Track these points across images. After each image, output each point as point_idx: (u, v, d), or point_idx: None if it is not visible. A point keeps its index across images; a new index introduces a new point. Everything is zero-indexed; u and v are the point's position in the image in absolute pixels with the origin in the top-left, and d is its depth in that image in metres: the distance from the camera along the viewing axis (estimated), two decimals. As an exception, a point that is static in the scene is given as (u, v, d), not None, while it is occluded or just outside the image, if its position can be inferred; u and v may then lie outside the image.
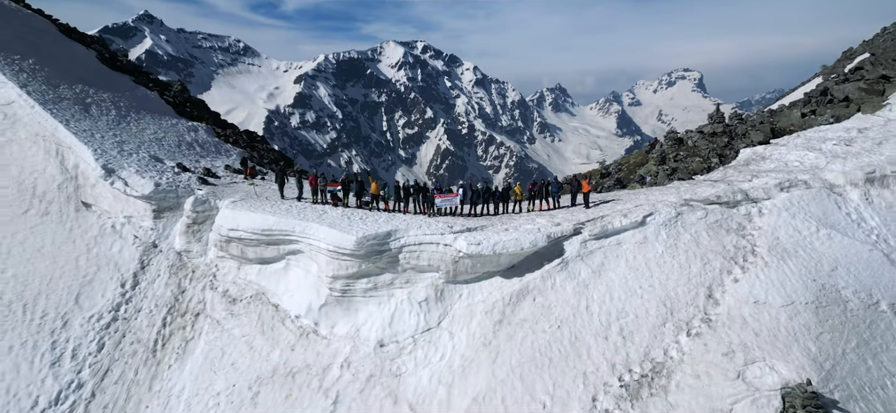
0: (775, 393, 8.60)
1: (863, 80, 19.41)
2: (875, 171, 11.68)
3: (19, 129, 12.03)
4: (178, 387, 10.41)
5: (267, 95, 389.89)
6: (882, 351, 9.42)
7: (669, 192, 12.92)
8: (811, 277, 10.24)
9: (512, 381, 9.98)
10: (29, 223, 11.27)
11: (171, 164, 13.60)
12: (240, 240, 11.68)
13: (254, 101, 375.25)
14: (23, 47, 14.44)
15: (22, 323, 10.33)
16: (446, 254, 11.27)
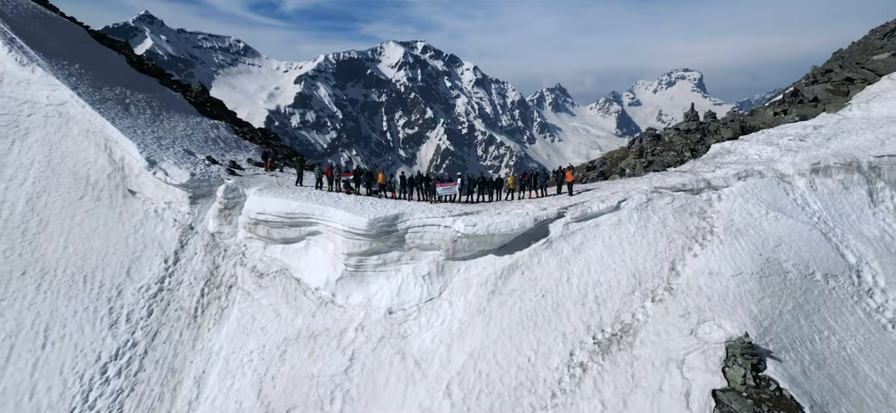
0: (720, 345, 10.36)
1: (830, 82, 21.20)
2: (820, 163, 13.45)
3: (72, 126, 13.79)
4: (217, 346, 12.20)
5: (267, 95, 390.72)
6: (814, 312, 11.17)
7: (643, 181, 14.70)
8: (758, 252, 12.00)
9: (502, 340, 11.76)
10: (85, 208, 13.02)
11: (201, 157, 15.38)
12: (266, 222, 13.45)
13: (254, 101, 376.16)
14: (69, 54, 16.22)
15: (83, 292, 12.11)
16: (446, 234, 13.04)
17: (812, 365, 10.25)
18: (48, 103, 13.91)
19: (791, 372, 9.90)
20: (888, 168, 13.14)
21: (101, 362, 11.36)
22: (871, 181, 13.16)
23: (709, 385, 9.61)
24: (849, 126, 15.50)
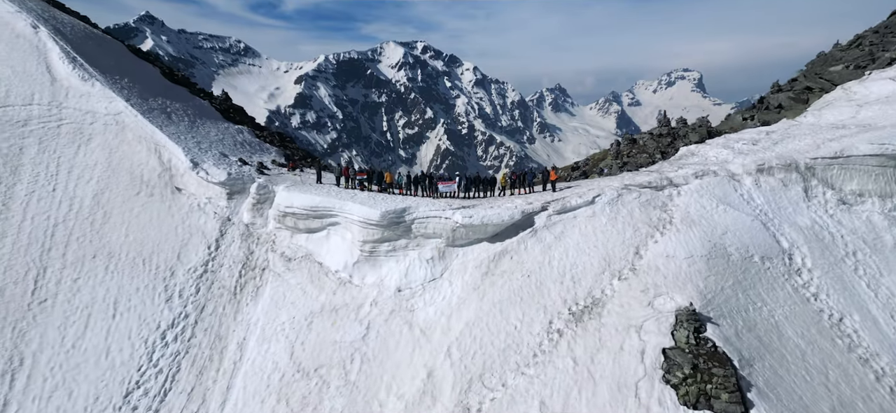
0: (671, 313, 12.72)
1: (792, 90, 23.62)
2: (764, 164, 15.85)
3: (127, 133, 16.13)
4: (254, 318, 14.61)
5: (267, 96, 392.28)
6: (750, 288, 13.55)
7: (616, 179, 17.11)
8: (707, 239, 14.38)
9: (493, 312, 14.16)
10: (140, 202, 15.40)
11: (234, 158, 17.76)
12: (293, 214, 15.86)
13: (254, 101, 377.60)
14: (117, 69, 18.57)
15: (143, 272, 14.51)
16: (447, 224, 15.44)
17: (744, 329, 12.63)
18: (106, 113, 16.29)
19: (726, 333, 12.26)
20: (821, 168, 15.54)
21: (160, 329, 13.78)
22: (807, 179, 15.57)
23: (660, 345, 11.96)
24: (796, 131, 17.91)
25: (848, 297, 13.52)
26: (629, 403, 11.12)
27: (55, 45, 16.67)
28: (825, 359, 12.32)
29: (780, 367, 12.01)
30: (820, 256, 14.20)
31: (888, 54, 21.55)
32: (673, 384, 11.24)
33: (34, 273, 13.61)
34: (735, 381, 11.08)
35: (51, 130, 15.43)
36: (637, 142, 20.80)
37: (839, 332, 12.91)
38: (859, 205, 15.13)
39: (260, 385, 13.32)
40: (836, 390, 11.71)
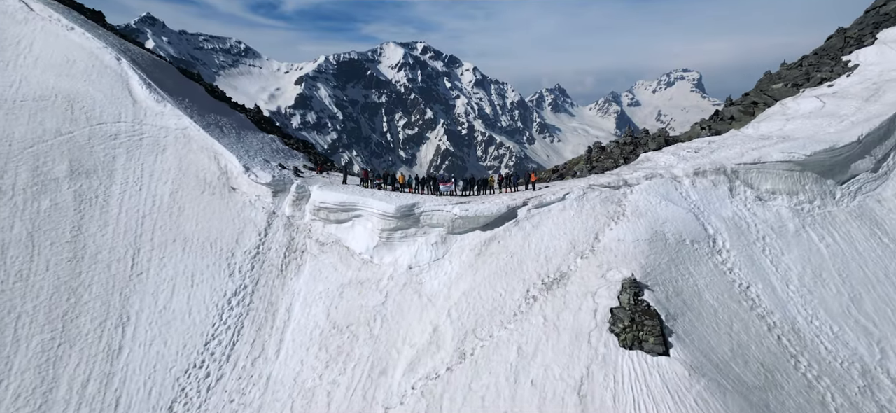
0: (618, 282, 16.91)
1: (742, 104, 27.89)
2: (700, 168, 20.09)
3: (193, 144, 20.31)
4: (297, 288, 18.83)
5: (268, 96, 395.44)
6: (681, 263, 17.73)
7: (584, 180, 21.35)
8: (651, 227, 18.58)
9: (484, 284, 18.36)
10: (205, 200, 19.61)
11: (275, 163, 21.98)
12: (325, 209, 20.08)
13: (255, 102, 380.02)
14: (178, 90, 22.77)
15: (211, 253, 18.74)
16: (448, 216, 19.67)
17: (672, 293, 16.84)
18: (176, 128, 20.47)
19: (658, 297, 16.48)
20: (743, 172, 19.78)
21: (227, 297, 18.03)
22: (732, 181, 19.81)
23: (608, 305, 16.17)
24: (731, 141, 22.15)
25: (755, 270, 17.76)
26: (583, 347, 15.33)
27: (134, 73, 20.84)
28: (731, 315, 16.55)
29: (696, 320, 16.23)
30: (736, 240, 18.42)
31: (820, 74, 25.77)
32: (615, 333, 15.41)
33: (132, 253, 17.85)
34: (660, 330, 15.24)
35: (135, 142, 19.62)
36: (605, 149, 25.03)
37: (745, 296, 17.15)
38: (772, 200, 19.38)
39: (304, 338, 17.57)
40: (737, 337, 15.95)
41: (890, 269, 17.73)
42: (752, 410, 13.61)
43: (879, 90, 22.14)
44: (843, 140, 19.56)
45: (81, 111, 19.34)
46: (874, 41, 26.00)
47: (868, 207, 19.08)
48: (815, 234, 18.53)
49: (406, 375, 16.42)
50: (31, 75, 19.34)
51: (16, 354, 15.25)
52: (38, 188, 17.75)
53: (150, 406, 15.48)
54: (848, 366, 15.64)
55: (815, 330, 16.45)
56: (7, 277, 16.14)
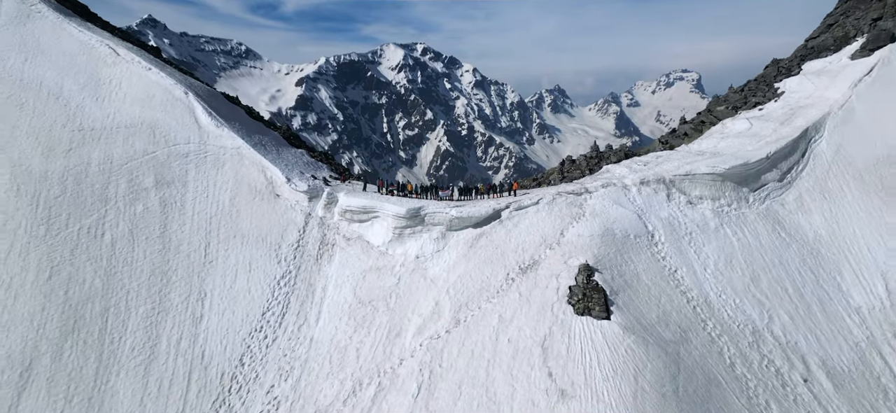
0: (575, 267, 22.54)
1: (693, 123, 33.53)
2: (644, 178, 25.74)
3: (245, 160, 25.93)
4: (330, 273, 24.49)
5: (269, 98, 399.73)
6: (625, 253, 23.31)
7: (555, 188, 27.01)
8: (604, 225, 24.18)
9: (474, 269, 23.99)
10: (256, 204, 25.25)
11: (307, 175, 27.62)
12: (351, 211, 25.73)
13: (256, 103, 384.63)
14: (228, 115, 28.40)
15: (263, 246, 24.40)
16: (447, 216, 25.29)
17: (617, 275, 22.46)
18: (232, 147, 26.12)
19: (605, 277, 22.11)
20: (678, 181, 25.44)
21: (276, 279, 23.70)
22: (669, 188, 25.48)
23: (568, 284, 21.78)
24: (675, 156, 27.82)
25: (681, 258, 23.41)
26: (547, 314, 20.95)
27: (198, 103, 26.44)
28: (660, 291, 22.20)
29: (633, 295, 21.88)
30: (669, 235, 24.05)
31: (755, 99, 31.41)
32: (571, 304, 21.00)
33: (204, 245, 23.52)
34: (604, 301, 20.85)
35: (201, 159, 25.26)
36: (575, 161, 30.68)
37: (672, 277, 22.77)
38: (699, 204, 25.05)
39: (337, 310, 23.25)
40: (662, 307, 21.60)
41: (784, 257, 23.39)
42: (666, 357, 19.31)
43: (793, 115, 27.82)
44: (756, 157, 25.26)
45: (161, 135, 25.00)
46: (799, 72, 31.58)
47: (773, 210, 24.76)
48: (729, 231, 24.20)
49: (415, 337, 22.06)
50: (122, 108, 24.98)
51: (129, 319, 20.94)
52: (133, 196, 23.42)
53: (225, 358, 21.19)
54: (742, 327, 21.31)
55: (722, 302, 22.12)
56: (118, 263, 21.80)
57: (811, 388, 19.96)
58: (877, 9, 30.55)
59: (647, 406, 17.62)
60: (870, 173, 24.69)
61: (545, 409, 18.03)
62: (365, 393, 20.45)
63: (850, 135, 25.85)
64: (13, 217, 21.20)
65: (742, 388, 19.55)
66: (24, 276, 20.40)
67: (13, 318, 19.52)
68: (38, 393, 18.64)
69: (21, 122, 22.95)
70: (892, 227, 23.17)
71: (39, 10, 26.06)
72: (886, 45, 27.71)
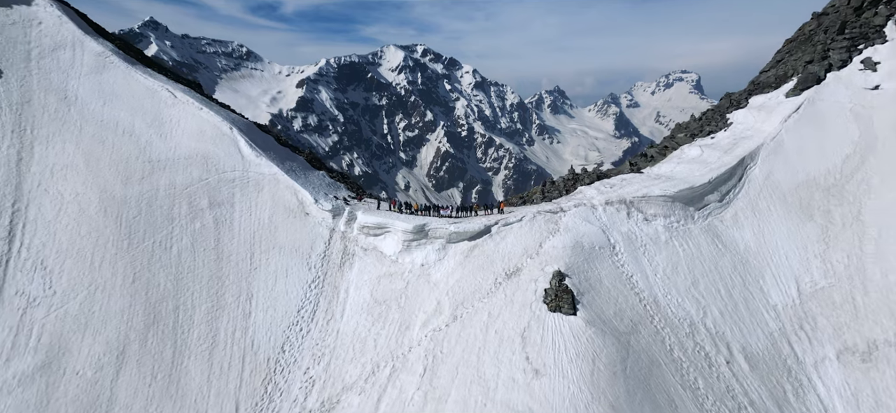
0: (550, 273, 28.24)
1: (658, 148, 39.27)
2: (609, 199, 31.47)
3: (280, 184, 31.61)
4: (351, 278, 30.24)
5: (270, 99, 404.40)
6: (591, 261, 28.99)
7: (536, 207, 32.75)
8: (574, 238, 29.87)
9: (469, 275, 29.73)
10: (290, 221, 30.96)
11: (330, 195, 33.33)
12: (367, 226, 31.47)
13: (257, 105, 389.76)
14: (263, 143, 34.09)
15: (296, 255, 30.16)
16: (446, 231, 31.03)
17: (583, 279, 28.18)
18: (269, 173, 31.85)
19: (574, 281, 27.85)
20: (636, 201, 31.18)
21: (308, 283, 29.47)
22: (629, 208, 31.22)
23: (543, 287, 27.54)
24: (637, 179, 33.53)
25: (637, 265, 29.13)
26: (526, 311, 26.68)
27: (241, 137, 32.17)
28: (618, 293, 27.94)
29: (596, 295, 27.63)
30: (628, 246, 29.76)
31: (709, 128, 37.15)
32: (546, 303, 26.74)
33: (249, 255, 29.26)
34: (572, 301, 26.58)
35: (244, 184, 31.00)
36: (555, 183, 36.37)
37: (629, 281, 28.52)
38: (653, 221, 30.79)
39: (357, 308, 29.00)
40: (619, 305, 27.34)
41: (719, 264, 29.14)
42: (619, 344, 25.05)
43: (735, 144, 33.57)
44: (700, 181, 31.03)
45: (212, 165, 30.76)
46: (747, 105, 37.22)
47: (713, 225, 30.52)
48: (677, 243, 29.95)
49: (421, 329, 27.78)
50: (181, 142, 30.71)
51: (194, 314, 26.71)
52: (193, 215, 29.18)
53: (270, 346, 26.95)
54: (682, 321, 27.05)
55: (667, 301, 27.86)
56: (184, 270, 27.57)
57: (732, 368, 25.71)
58: (809, 52, 36.18)
59: (601, 382, 23.37)
60: (792, 195, 30.46)
61: (523, 384, 23.70)
62: (382, 373, 26.19)
63: (779, 163, 31.62)
64: (103, 233, 26.97)
65: (678, 368, 25.30)
66: (114, 280, 26.18)
67: (108, 314, 25.30)
68: (131, 372, 24.43)
69: (104, 156, 28.69)
70: (805, 240, 28.95)
71: (112, 61, 31.78)
72: (813, 86, 33.38)
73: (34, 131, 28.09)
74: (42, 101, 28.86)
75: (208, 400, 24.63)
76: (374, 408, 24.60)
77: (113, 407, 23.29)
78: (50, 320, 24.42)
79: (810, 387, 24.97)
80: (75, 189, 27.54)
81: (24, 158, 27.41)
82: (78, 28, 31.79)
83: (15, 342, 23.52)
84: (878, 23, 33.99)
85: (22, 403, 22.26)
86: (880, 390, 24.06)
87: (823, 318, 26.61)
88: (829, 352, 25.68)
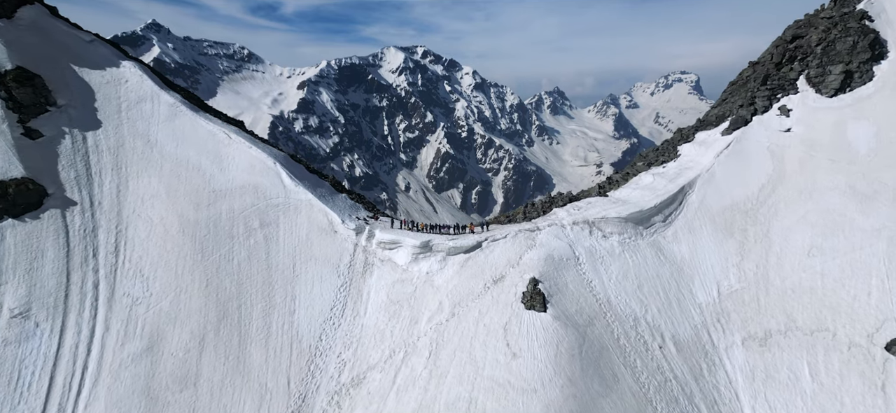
0: (527, 279, 36.81)
1: (622, 173, 47.86)
2: (575, 220, 40.02)
3: (314, 208, 40.07)
4: (371, 283, 38.85)
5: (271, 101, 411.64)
6: (560, 270, 37.44)
7: (518, 226, 41.33)
8: (546, 252, 38.39)
9: (464, 281, 38.30)
10: (322, 238, 39.47)
11: (353, 215, 41.85)
12: (383, 242, 40.03)
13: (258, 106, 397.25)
14: (298, 173, 42.58)
15: (327, 265, 38.77)
16: (446, 245, 39.55)
17: (553, 285, 36.71)
18: (306, 200, 40.38)
19: (545, 286, 36.41)
20: (597, 222, 39.74)
21: (337, 287, 38.12)
22: (591, 226, 39.80)
23: (522, 290, 36.15)
24: (600, 202, 42.06)
25: (596, 273, 37.67)
26: (508, 309, 35.33)
27: (282, 170, 40.74)
28: (579, 294, 36.55)
29: (562, 297, 36.25)
30: (589, 258, 38.29)
31: (663, 158, 45.68)
32: (523, 303, 35.35)
33: (292, 265, 37.84)
34: (543, 301, 35.23)
35: (286, 208, 39.57)
36: (535, 205, 44.87)
37: (589, 286, 37.10)
38: (610, 237, 39.36)
39: (377, 307, 37.64)
40: (579, 304, 35.98)
41: (660, 272, 37.70)
42: (578, 334, 33.66)
43: (679, 174, 42.14)
44: (648, 206, 39.61)
45: (261, 193, 39.36)
46: (693, 139, 45.66)
47: (657, 241, 39.11)
48: (628, 255, 38.52)
49: (426, 323, 36.35)
50: (236, 175, 39.31)
51: (253, 311, 35.34)
52: (248, 233, 37.78)
53: (311, 336, 35.57)
54: (628, 316, 35.61)
55: (618, 301, 36.42)
56: (243, 277, 36.17)
57: (663, 351, 34.31)
58: (742, 97, 44.58)
59: (562, 362, 31.93)
60: (719, 216, 39.07)
61: (504, 364, 32.24)
62: (397, 356, 34.79)
63: (711, 190, 40.22)
64: (182, 248, 35.60)
65: (622, 351, 33.90)
66: (193, 285, 34.81)
67: (190, 311, 33.94)
68: (209, 354, 33.04)
69: (179, 187, 37.30)
70: (726, 252, 37.56)
71: (181, 110, 40.33)
72: (741, 127, 41.79)
73: (127, 169, 36.69)
74: (131, 145, 37.45)
75: (267, 375, 33.28)
76: (392, 382, 33.20)
77: (199, 379, 31.93)
78: (149, 315, 33.07)
79: (721, 365, 33.61)
80: (160, 214, 36.15)
81: (121, 190, 36.01)
82: (154, 83, 40.33)
83: (126, 331, 32.17)
84: (792, 77, 42.43)
85: (136, 375, 30.92)
86: (771, 367, 32.68)
87: (735, 313, 35.25)
88: (736, 339, 34.31)
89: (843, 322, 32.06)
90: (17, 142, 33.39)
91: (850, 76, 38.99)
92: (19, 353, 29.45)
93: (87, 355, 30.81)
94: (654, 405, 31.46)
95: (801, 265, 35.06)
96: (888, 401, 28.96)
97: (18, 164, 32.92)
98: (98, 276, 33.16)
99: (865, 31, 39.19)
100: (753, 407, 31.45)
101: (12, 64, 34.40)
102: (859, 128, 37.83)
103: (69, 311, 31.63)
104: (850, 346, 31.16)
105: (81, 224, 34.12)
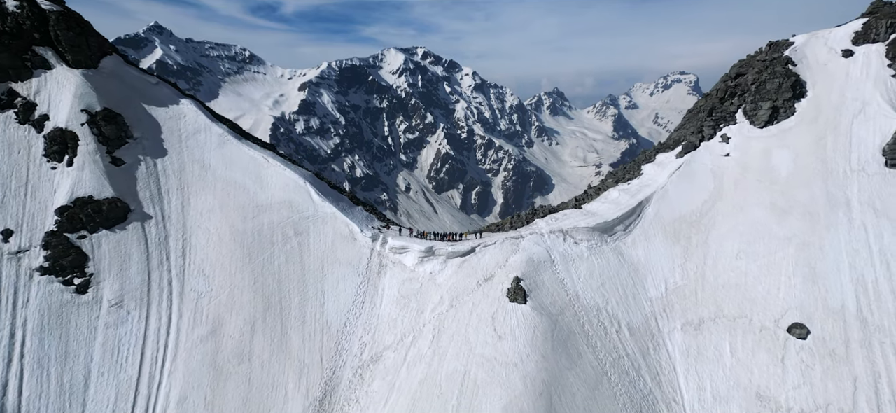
0: (512, 278, 46.14)
1: (597, 187, 57.31)
2: (553, 229, 49.38)
3: (338, 219, 49.29)
4: (385, 282, 48.27)
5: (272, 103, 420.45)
6: (539, 271, 46.71)
7: (505, 234, 50.69)
8: (528, 256, 47.62)
9: (461, 280, 47.69)
10: (345, 244, 48.74)
11: (369, 225, 51.15)
12: (395, 248, 49.38)
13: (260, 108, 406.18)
14: (322, 189, 51.75)
15: (348, 266, 48.17)
16: (446, 251, 48.94)
17: (533, 282, 46.00)
18: (331, 213, 49.66)
19: (526, 283, 45.78)
20: (570, 231, 49.10)
21: (357, 284, 47.61)
22: (565, 235, 49.16)
23: (507, 287, 45.60)
24: (574, 214, 51.38)
25: (568, 273, 47.04)
26: (496, 302, 44.83)
27: (311, 188, 50.02)
28: (554, 291, 45.99)
29: (540, 292, 45.71)
30: (562, 261, 47.57)
31: (629, 176, 54.98)
32: (508, 297, 44.84)
33: (321, 266, 47.21)
34: (524, 296, 44.74)
35: (315, 220, 48.87)
36: (521, 216, 54.08)
37: (561, 284, 46.49)
38: (580, 243, 48.73)
39: (389, 300, 47.11)
40: (549, 298, 45.47)
41: (620, 272, 47.04)
42: (551, 321, 43.21)
43: (639, 190, 51.47)
44: (612, 217, 49.01)
45: (294, 207, 48.71)
46: (654, 160, 54.87)
47: (619, 247, 48.51)
48: (594, 258, 47.87)
49: (430, 313, 45.73)
50: (274, 192, 48.67)
51: (291, 304, 44.79)
52: (285, 241, 47.16)
53: (338, 322, 45.05)
54: (592, 307, 45.00)
55: (584, 295, 45.78)
56: (283, 276, 45.58)
57: (619, 335, 43.72)
58: (694, 125, 53.76)
59: (537, 342, 41.35)
60: (669, 226, 48.48)
61: (492, 344, 41.66)
62: (407, 339, 44.22)
63: (664, 204, 49.61)
64: (234, 253, 45.04)
65: (585, 335, 43.34)
66: (244, 282, 44.27)
67: (243, 302, 43.40)
68: (259, 337, 42.50)
69: (230, 203, 46.72)
70: (673, 255, 46.97)
71: (228, 139, 49.74)
72: (691, 151, 51.00)
73: (188, 188, 46.11)
74: (191, 168, 46.86)
75: (304, 353, 42.74)
76: (403, 359, 42.63)
77: (252, 356, 41.42)
78: (211, 306, 42.53)
79: (663, 345, 43.03)
80: (216, 225, 45.61)
81: (184, 206, 45.44)
82: (207, 117, 49.71)
83: (195, 318, 41.63)
84: (732, 110, 51.58)
85: (205, 352, 40.38)
86: (702, 346, 42.11)
87: (677, 305, 44.70)
88: (677, 325, 43.75)
89: (758, 310, 41.52)
90: (107, 169, 42.81)
91: (776, 111, 48.22)
92: (118, 333, 38.94)
93: (167, 337, 40.29)
94: (609, 376, 40.88)
95: (731, 266, 44.52)
96: (785, 369, 38.40)
97: (109, 186, 42.33)
98: (171, 275, 42.63)
99: (789, 73, 48.37)
100: (686, 377, 40.91)
101: (101, 106, 43.75)
102: (782, 154, 47.16)
103: (151, 302, 41.11)
104: (762, 329, 40.62)
105: (156, 233, 43.58)
